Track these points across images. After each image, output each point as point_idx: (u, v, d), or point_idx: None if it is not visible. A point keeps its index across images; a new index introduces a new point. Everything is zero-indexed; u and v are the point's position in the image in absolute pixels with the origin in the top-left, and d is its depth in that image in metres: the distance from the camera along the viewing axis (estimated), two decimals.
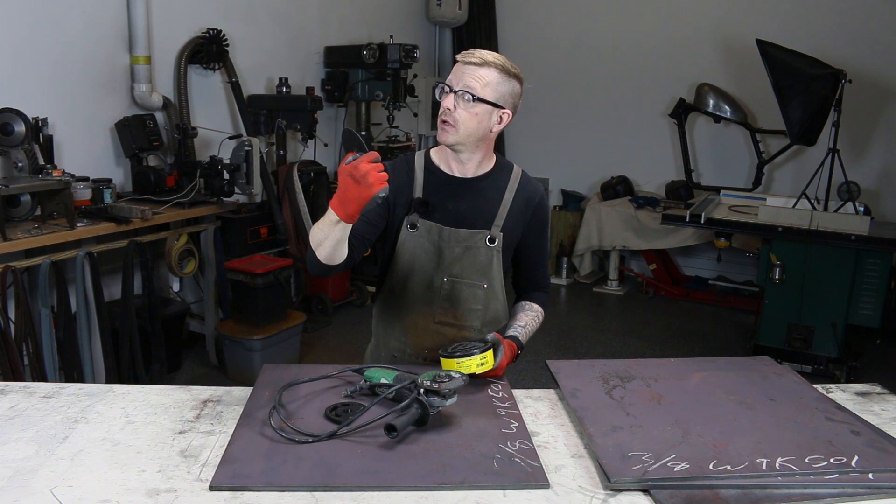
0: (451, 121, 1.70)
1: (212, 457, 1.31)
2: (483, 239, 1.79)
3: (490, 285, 1.82)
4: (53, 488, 1.20)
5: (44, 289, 3.09)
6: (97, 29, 3.77)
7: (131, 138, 3.82)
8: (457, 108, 1.69)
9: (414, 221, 1.79)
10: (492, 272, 1.82)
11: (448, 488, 1.21)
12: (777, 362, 1.84)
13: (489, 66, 1.68)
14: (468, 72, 1.68)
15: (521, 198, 1.83)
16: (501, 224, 1.80)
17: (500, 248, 1.81)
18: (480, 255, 1.80)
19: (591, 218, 5.73)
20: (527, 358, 4.42)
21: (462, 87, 1.68)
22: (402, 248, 1.81)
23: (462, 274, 1.81)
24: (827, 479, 1.25)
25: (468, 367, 1.56)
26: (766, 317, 4.25)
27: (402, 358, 1.88)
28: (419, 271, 1.81)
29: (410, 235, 1.80)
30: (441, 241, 1.79)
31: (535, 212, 1.86)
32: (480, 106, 1.69)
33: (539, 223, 1.88)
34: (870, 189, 5.15)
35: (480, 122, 1.71)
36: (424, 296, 1.82)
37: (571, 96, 6.36)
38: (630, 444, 1.35)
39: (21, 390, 1.59)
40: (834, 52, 4.83)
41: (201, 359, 4.20)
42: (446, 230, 1.79)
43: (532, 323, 1.87)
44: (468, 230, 1.79)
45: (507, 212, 1.81)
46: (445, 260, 1.80)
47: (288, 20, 5.00)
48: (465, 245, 1.79)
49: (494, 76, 1.69)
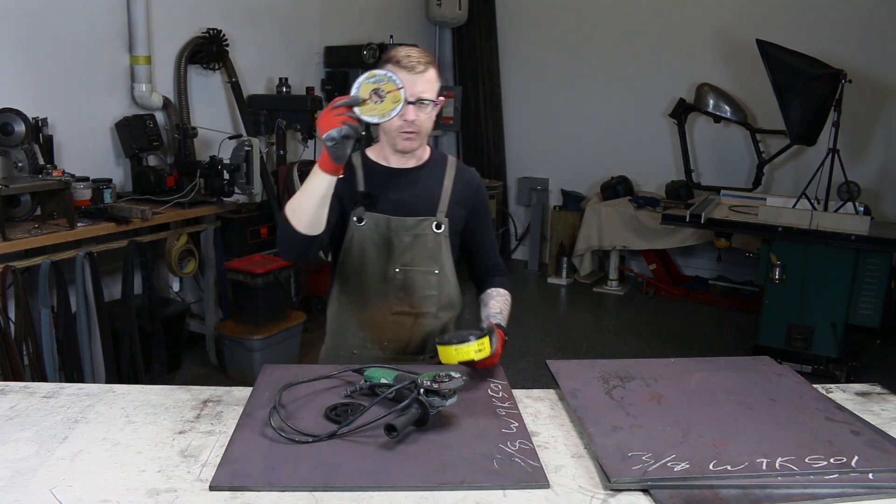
0: (414, 129, 1.75)
1: (212, 457, 1.31)
2: (430, 226, 1.83)
3: (441, 270, 1.86)
4: (53, 488, 1.20)
5: (44, 289, 3.09)
6: (97, 29, 3.77)
7: (131, 138, 3.82)
8: (418, 118, 1.74)
9: (360, 215, 1.83)
10: (442, 257, 1.86)
11: (448, 488, 1.21)
12: (777, 362, 1.83)
13: (430, 67, 1.73)
14: (419, 81, 1.71)
15: (460, 183, 1.89)
16: (446, 210, 1.85)
17: (447, 233, 1.86)
18: (429, 241, 1.84)
19: (591, 218, 5.73)
20: (527, 358, 4.43)
21: (419, 97, 1.71)
22: (351, 244, 1.84)
23: (413, 262, 1.84)
24: (827, 479, 1.25)
25: (466, 354, 1.55)
26: (766, 317, 4.25)
27: (362, 354, 1.89)
28: (371, 264, 1.84)
29: (358, 229, 1.83)
30: (389, 231, 1.82)
31: (475, 196, 1.92)
32: (433, 109, 1.76)
33: (481, 207, 1.94)
34: (870, 189, 5.15)
35: (433, 119, 1.79)
36: (379, 288, 1.84)
37: (571, 96, 6.36)
38: (630, 444, 1.35)
39: (21, 390, 1.59)
40: (834, 52, 4.83)
41: (201, 359, 4.20)
42: (394, 220, 1.82)
43: (505, 308, 1.89)
44: (415, 218, 1.83)
45: (449, 198, 1.86)
46: (396, 250, 1.83)
47: (288, 20, 5.00)
48: (414, 233, 1.83)
49: (434, 74, 1.75)
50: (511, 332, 1.83)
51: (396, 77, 1.47)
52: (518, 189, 6.68)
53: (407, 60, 1.70)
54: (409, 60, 1.71)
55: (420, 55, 1.73)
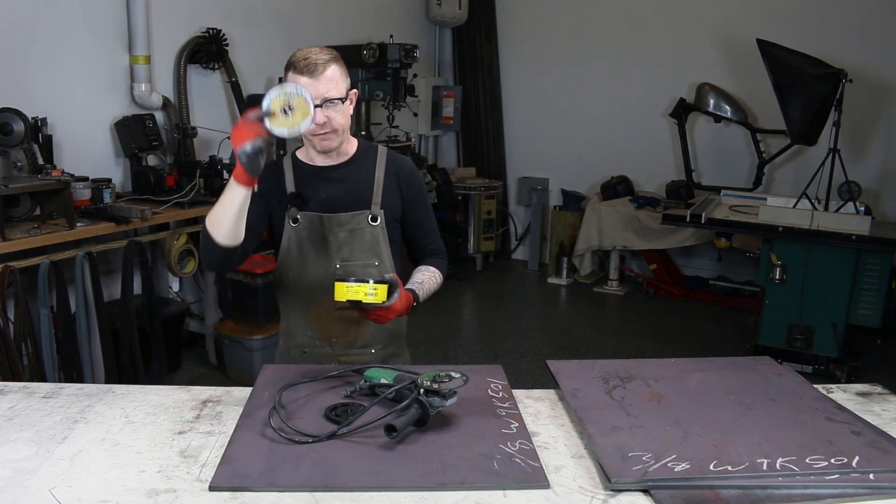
0: (329, 129, 1.75)
1: (211, 457, 1.31)
2: (365, 219, 1.84)
3: (381, 262, 1.86)
4: (53, 488, 1.20)
5: (43, 289, 3.09)
6: (97, 29, 3.77)
7: (131, 138, 3.81)
8: (329, 118, 1.73)
9: (294, 215, 1.84)
10: (380, 249, 1.86)
11: (448, 488, 1.21)
12: (777, 362, 1.83)
13: (329, 65, 1.71)
14: (321, 83, 1.70)
15: (391, 173, 1.88)
16: (380, 201, 1.85)
17: (383, 225, 1.85)
18: (366, 235, 1.84)
19: (591, 218, 5.73)
20: (527, 358, 4.43)
21: (325, 98, 1.71)
22: (289, 244, 1.86)
23: (352, 257, 1.84)
24: (828, 479, 1.25)
25: (356, 294, 1.56)
26: (766, 317, 4.25)
27: (312, 352, 1.91)
28: (311, 263, 1.85)
29: (294, 230, 1.84)
30: (325, 228, 1.83)
31: (407, 184, 1.90)
32: (344, 104, 1.76)
33: (415, 194, 1.91)
34: (870, 189, 5.15)
35: (347, 114, 1.79)
36: (321, 285, 1.84)
37: (572, 96, 6.36)
38: (630, 444, 1.35)
39: (20, 390, 1.59)
40: (834, 52, 4.83)
41: (201, 359, 4.20)
42: (327, 217, 1.83)
43: (429, 281, 1.86)
44: (349, 213, 1.83)
45: (383, 189, 1.86)
46: (332, 246, 1.84)
47: (288, 20, 5.00)
48: (349, 228, 1.83)
49: (337, 71, 1.73)
50: (511, 333, 1.82)
51: (306, 92, 1.52)
52: (518, 189, 6.68)
53: (304, 64, 1.69)
54: (306, 63, 1.69)
55: (319, 55, 1.71)
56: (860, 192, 4.49)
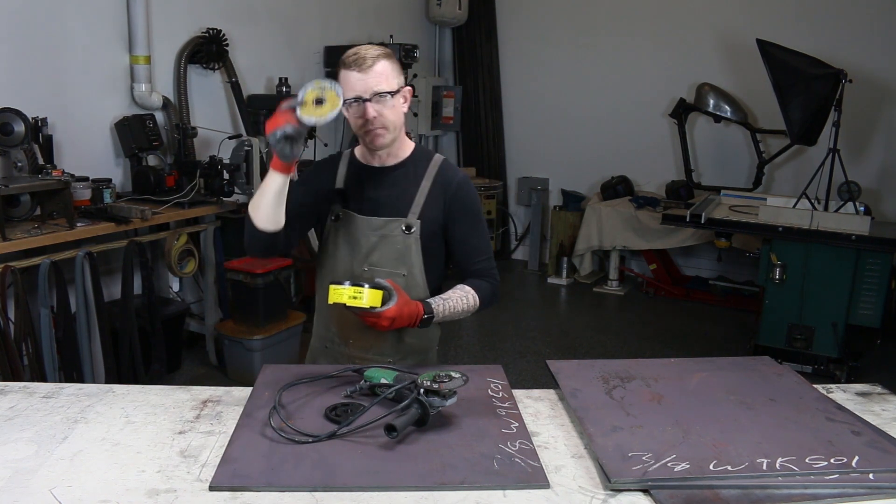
0: (379, 125, 1.73)
1: (212, 457, 1.31)
2: (399, 227, 1.80)
3: (410, 273, 1.82)
4: (53, 488, 1.20)
5: (43, 289, 3.09)
6: (97, 29, 3.77)
7: (131, 138, 3.81)
8: (380, 113, 1.72)
9: (336, 212, 1.85)
10: (410, 260, 1.81)
11: (448, 488, 1.21)
12: (777, 362, 1.84)
13: (379, 59, 1.71)
14: (370, 77, 1.70)
15: (438, 184, 1.82)
16: (419, 212, 1.80)
17: (417, 235, 1.80)
18: (397, 243, 1.81)
19: (591, 218, 5.73)
20: (527, 358, 4.43)
21: (374, 92, 1.70)
22: (327, 240, 1.88)
23: (380, 262, 1.82)
24: (827, 479, 1.25)
25: (340, 296, 1.57)
26: (766, 317, 4.25)
27: (332, 348, 1.92)
28: (341, 261, 1.86)
29: (334, 227, 1.86)
30: (357, 230, 1.83)
31: (453, 198, 1.82)
32: (394, 98, 1.74)
33: (460, 210, 1.82)
34: (870, 189, 5.15)
35: (398, 113, 1.77)
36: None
37: (572, 96, 6.36)
38: (630, 444, 1.35)
39: (21, 390, 1.59)
40: (834, 52, 4.83)
41: (201, 359, 4.20)
42: (361, 218, 1.82)
43: (456, 299, 1.76)
44: (382, 218, 1.81)
45: (425, 199, 1.80)
46: (363, 249, 1.82)
47: (288, 20, 5.00)
48: (381, 233, 1.81)
49: (388, 66, 1.73)
50: (511, 333, 1.81)
51: (337, 86, 1.59)
52: (518, 189, 6.68)
53: (354, 59, 1.70)
54: (355, 58, 1.70)
55: (368, 50, 1.71)
56: (860, 192, 4.49)
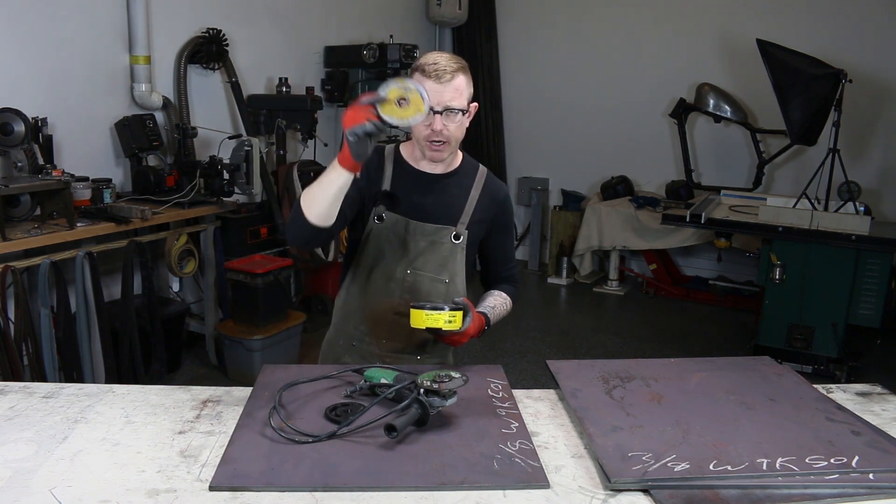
0: (442, 139, 1.72)
1: (212, 457, 1.31)
2: (449, 235, 1.83)
3: (452, 280, 1.85)
4: (53, 488, 1.20)
5: (43, 289, 3.09)
6: (97, 29, 3.77)
7: (131, 138, 3.81)
8: (446, 127, 1.70)
9: (381, 213, 1.83)
10: (455, 268, 1.85)
11: (448, 488, 1.21)
12: (777, 362, 1.84)
13: (458, 74, 1.68)
14: (447, 90, 1.67)
15: (486, 196, 1.86)
16: (467, 221, 1.84)
17: (464, 244, 1.84)
18: (444, 250, 1.83)
19: (591, 218, 5.73)
20: (527, 358, 4.43)
21: (447, 107, 1.68)
22: (369, 239, 1.85)
23: (425, 267, 1.83)
24: (827, 479, 1.25)
25: (436, 322, 1.58)
26: (766, 317, 4.25)
27: (360, 347, 1.91)
28: (383, 262, 1.85)
29: (378, 227, 1.83)
30: (407, 234, 1.82)
31: (500, 210, 1.90)
32: (463, 116, 1.72)
33: (503, 221, 1.92)
34: (870, 189, 5.15)
35: (463, 128, 1.76)
36: (386, 287, 1.84)
37: (572, 96, 6.36)
38: (630, 444, 1.35)
39: (21, 390, 1.59)
40: (834, 52, 4.83)
41: (201, 359, 4.20)
42: (413, 224, 1.82)
43: (500, 306, 1.89)
44: (434, 225, 1.82)
45: (474, 209, 1.84)
46: (410, 253, 1.83)
47: (288, 20, 5.00)
48: (431, 240, 1.82)
49: (464, 82, 1.70)
50: (511, 333, 1.83)
51: (424, 91, 1.51)
52: (518, 189, 6.68)
53: (433, 68, 1.67)
54: (435, 68, 1.67)
55: (448, 62, 1.68)
56: (860, 192, 4.50)
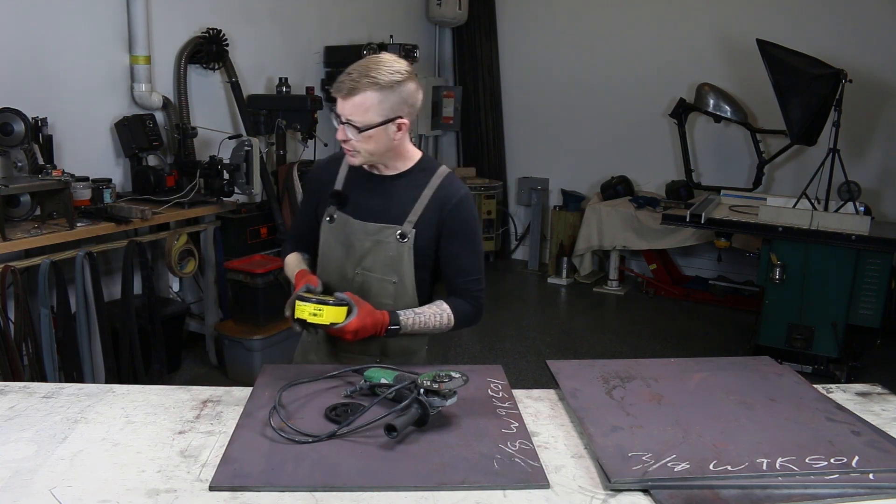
0: (350, 148, 1.73)
1: (212, 457, 1.31)
2: (393, 234, 1.80)
3: (401, 280, 1.82)
4: (53, 488, 1.20)
5: (43, 289, 3.09)
6: (97, 29, 3.77)
7: (131, 138, 3.81)
8: (350, 139, 1.70)
9: (332, 214, 1.85)
10: (402, 268, 1.81)
11: (448, 488, 1.21)
12: (777, 362, 1.84)
13: (363, 91, 1.64)
14: (346, 104, 1.66)
15: (437, 198, 1.80)
16: (415, 221, 1.79)
17: (411, 244, 1.79)
18: (390, 249, 1.81)
19: (591, 218, 5.73)
20: (527, 358, 4.43)
21: (346, 121, 1.68)
22: (323, 240, 1.89)
23: (373, 267, 1.82)
24: (827, 479, 1.25)
25: (301, 312, 1.62)
26: (766, 317, 4.25)
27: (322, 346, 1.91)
28: (333, 262, 1.87)
29: (328, 227, 1.86)
30: (351, 233, 1.83)
31: (450, 213, 1.79)
32: (370, 131, 1.68)
33: (455, 227, 1.80)
34: (870, 189, 5.15)
35: (377, 142, 1.71)
36: (339, 287, 1.83)
37: (572, 96, 6.36)
38: (630, 444, 1.35)
39: (21, 390, 1.59)
40: (834, 52, 4.83)
41: (201, 359, 4.20)
42: (356, 223, 1.82)
43: (429, 315, 1.77)
44: (378, 224, 1.81)
45: (423, 210, 1.79)
46: (356, 252, 1.83)
47: (288, 20, 4.99)
48: (375, 239, 1.81)
49: (373, 98, 1.65)
50: (511, 333, 1.81)
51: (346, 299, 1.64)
52: (518, 189, 6.68)
53: (337, 82, 1.67)
54: (338, 83, 1.66)
55: (359, 77, 1.64)
56: (860, 192, 4.49)
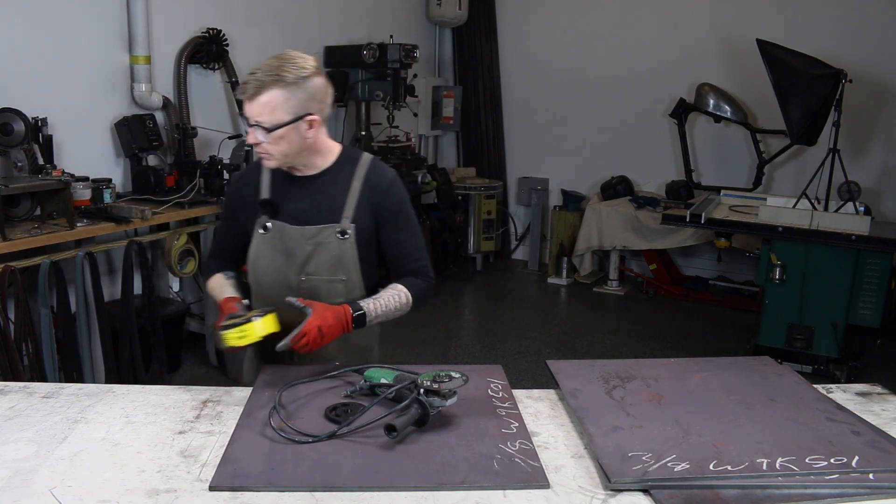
0: (263, 151, 1.69)
1: (212, 457, 1.31)
2: (333, 233, 1.77)
3: (349, 278, 1.80)
4: (53, 488, 1.20)
5: (43, 289, 3.09)
6: (97, 29, 3.77)
7: (131, 138, 3.82)
8: (261, 141, 1.66)
9: (264, 223, 1.79)
10: (347, 265, 1.79)
11: (448, 488, 1.21)
12: (777, 362, 1.84)
13: (268, 90, 1.60)
14: (253, 105, 1.62)
15: (367, 187, 1.78)
16: (352, 215, 1.77)
17: (353, 239, 1.77)
18: (333, 249, 1.78)
19: (591, 218, 5.73)
20: (527, 358, 4.43)
21: (254, 123, 1.64)
22: (256, 252, 1.82)
23: (318, 271, 1.79)
24: (827, 479, 1.25)
25: (229, 341, 1.58)
26: (766, 317, 4.25)
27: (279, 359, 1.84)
28: (276, 273, 1.81)
29: (263, 238, 1.80)
30: (290, 240, 1.78)
31: (383, 200, 1.79)
32: (280, 130, 1.64)
33: (391, 211, 1.80)
34: (870, 189, 5.15)
35: (290, 142, 1.67)
36: (283, 297, 1.77)
37: (572, 96, 6.36)
38: (630, 444, 1.35)
39: (21, 390, 1.59)
40: (834, 52, 4.83)
41: (201, 359, 4.20)
42: (293, 228, 1.78)
43: (388, 297, 1.77)
44: (316, 227, 1.77)
45: (357, 202, 1.77)
46: (298, 259, 1.79)
47: (288, 20, 4.99)
48: (316, 242, 1.77)
49: (279, 96, 1.61)
50: (511, 333, 1.80)
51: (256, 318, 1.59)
52: (518, 189, 6.68)
53: (241, 84, 1.64)
54: (242, 85, 1.63)
55: (263, 75, 1.60)
56: (860, 192, 4.49)
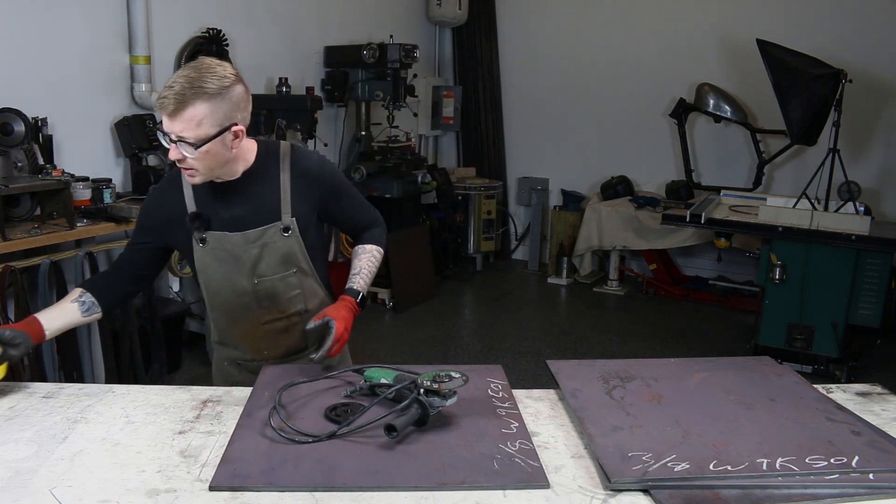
0: (187, 167, 1.60)
1: (212, 457, 1.31)
2: (276, 232, 1.74)
3: (299, 268, 1.80)
4: (53, 488, 1.20)
5: (43, 289, 3.09)
6: (97, 29, 3.77)
7: (131, 138, 3.82)
8: (185, 157, 1.57)
9: (201, 236, 1.73)
10: (297, 258, 1.78)
11: (448, 488, 1.21)
12: (777, 362, 1.83)
13: (192, 104, 1.51)
14: (176, 122, 1.53)
15: (299, 177, 1.75)
16: (290, 209, 1.74)
17: (297, 233, 1.76)
18: (279, 247, 1.75)
19: (591, 218, 5.73)
20: (527, 358, 4.43)
21: (177, 139, 1.55)
22: (202, 264, 1.77)
23: (268, 271, 1.77)
24: (827, 479, 1.25)
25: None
26: (766, 317, 4.25)
27: (247, 365, 1.88)
28: (227, 281, 1.77)
29: (204, 251, 1.75)
30: (235, 247, 1.74)
31: (320, 185, 1.78)
32: (207, 145, 1.56)
33: (331, 191, 1.81)
34: (870, 189, 5.15)
35: (215, 156, 1.60)
36: (241, 303, 1.79)
37: (572, 96, 6.36)
38: (630, 444, 1.35)
39: (21, 390, 1.59)
40: (834, 52, 4.83)
41: (201, 359, 4.20)
42: (234, 235, 1.73)
43: (365, 261, 1.88)
44: (257, 229, 1.73)
45: (291, 195, 1.74)
46: (247, 264, 1.75)
47: (288, 20, 5.00)
48: (261, 243, 1.74)
49: (203, 109, 1.53)
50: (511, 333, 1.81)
51: None
52: (518, 189, 6.68)
53: (160, 100, 1.53)
54: (160, 101, 1.53)
55: (181, 89, 1.51)
56: (860, 192, 4.49)
